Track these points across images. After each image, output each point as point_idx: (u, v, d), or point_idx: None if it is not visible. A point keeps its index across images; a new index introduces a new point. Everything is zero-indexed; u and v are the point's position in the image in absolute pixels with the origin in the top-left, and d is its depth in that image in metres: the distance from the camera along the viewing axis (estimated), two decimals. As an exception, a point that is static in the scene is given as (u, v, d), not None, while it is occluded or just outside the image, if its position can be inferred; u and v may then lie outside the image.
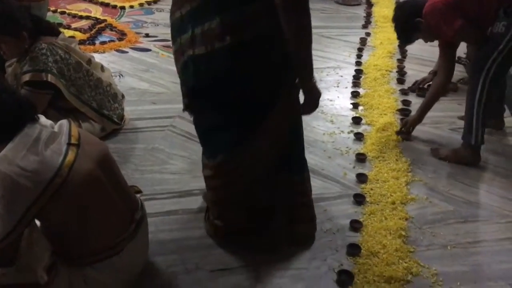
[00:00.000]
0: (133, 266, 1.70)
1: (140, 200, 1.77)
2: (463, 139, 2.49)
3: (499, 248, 1.99)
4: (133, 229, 1.65)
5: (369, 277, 1.82)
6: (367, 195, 2.27)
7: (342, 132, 2.81)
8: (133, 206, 1.70)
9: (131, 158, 2.53)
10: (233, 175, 1.80)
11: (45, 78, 2.33)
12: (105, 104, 2.63)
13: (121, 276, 1.64)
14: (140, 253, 1.74)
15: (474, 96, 2.36)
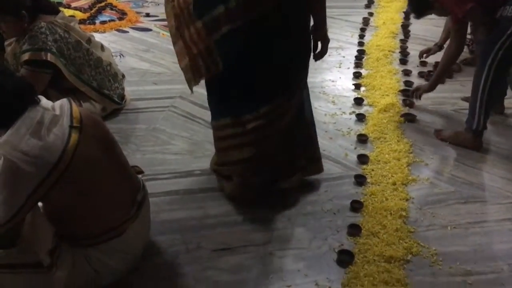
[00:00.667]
0: (135, 247, 1.71)
1: (141, 181, 1.77)
2: (466, 122, 2.47)
3: (499, 229, 2.00)
4: (135, 210, 1.65)
5: (369, 257, 1.83)
6: (368, 176, 2.27)
7: (344, 113, 2.80)
8: (134, 188, 1.70)
9: (132, 138, 2.53)
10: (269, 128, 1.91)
11: (44, 57, 2.31)
12: (105, 84, 2.62)
13: (123, 256, 1.66)
14: (142, 234, 1.75)
15: (480, 81, 2.34)
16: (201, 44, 1.80)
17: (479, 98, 2.36)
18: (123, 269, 1.70)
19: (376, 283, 1.72)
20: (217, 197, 2.14)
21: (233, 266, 1.81)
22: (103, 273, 1.63)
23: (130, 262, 1.72)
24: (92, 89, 2.56)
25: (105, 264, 1.61)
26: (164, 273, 1.76)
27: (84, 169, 1.45)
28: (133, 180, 1.71)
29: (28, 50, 2.30)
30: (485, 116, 2.40)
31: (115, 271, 1.66)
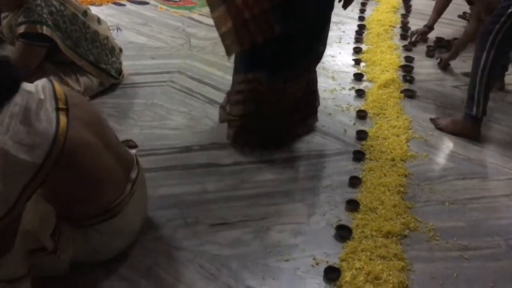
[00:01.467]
0: (133, 224, 1.71)
1: (135, 157, 1.73)
2: (466, 108, 2.39)
3: (497, 205, 2.00)
4: (130, 188, 1.62)
5: (367, 232, 1.84)
6: (367, 152, 2.27)
7: (343, 89, 2.78)
8: (128, 165, 1.66)
9: (130, 113, 2.52)
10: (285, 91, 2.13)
11: (40, 30, 2.27)
12: (103, 58, 2.59)
13: (122, 234, 1.66)
14: (139, 211, 1.75)
15: (479, 63, 2.27)
16: (257, 8, 1.82)
17: (478, 82, 2.29)
18: (122, 247, 1.71)
19: (373, 257, 1.73)
20: (216, 173, 2.14)
21: (231, 240, 1.82)
22: (103, 251, 1.64)
23: (129, 239, 1.72)
24: (89, 63, 2.52)
25: (104, 243, 1.61)
26: (163, 247, 1.77)
27: (77, 152, 1.38)
28: (126, 158, 1.67)
29: (24, 23, 2.26)
30: (485, 99, 2.32)
31: (114, 248, 1.67)
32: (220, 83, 2.79)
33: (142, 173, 1.74)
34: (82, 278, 1.65)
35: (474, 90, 2.33)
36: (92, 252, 1.61)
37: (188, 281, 1.65)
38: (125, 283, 1.64)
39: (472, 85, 2.34)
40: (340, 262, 1.73)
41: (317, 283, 1.66)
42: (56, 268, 1.55)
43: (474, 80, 2.32)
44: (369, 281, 1.64)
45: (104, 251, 1.64)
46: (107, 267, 1.68)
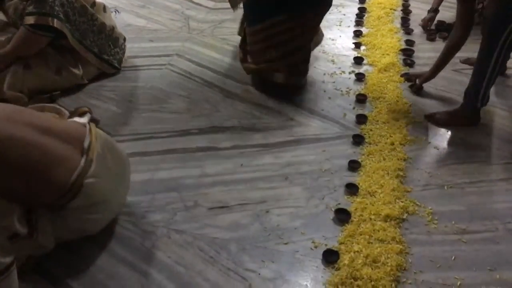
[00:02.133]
0: (109, 194, 1.63)
1: (88, 125, 1.64)
2: (466, 101, 2.31)
3: (495, 189, 2.01)
4: (84, 161, 1.54)
5: (365, 216, 1.84)
6: (366, 135, 2.27)
7: (343, 73, 2.77)
8: (76, 139, 1.57)
9: (129, 96, 2.51)
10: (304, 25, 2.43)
11: (51, 23, 2.27)
12: (106, 49, 2.59)
13: (99, 207, 1.61)
14: (112, 179, 1.66)
15: (489, 63, 2.12)
16: None
17: (486, 80, 2.17)
18: (107, 218, 1.69)
19: (371, 241, 1.74)
20: (215, 156, 2.14)
21: (230, 223, 1.82)
22: (86, 226, 1.63)
23: (112, 210, 1.69)
24: (93, 54, 2.53)
25: (84, 219, 1.59)
26: (163, 230, 1.78)
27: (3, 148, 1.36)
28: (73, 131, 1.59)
29: (34, 14, 2.23)
30: (490, 89, 2.24)
31: (97, 222, 1.65)
32: (219, 66, 2.78)
33: (103, 139, 1.66)
34: (83, 260, 1.66)
35: (480, 86, 2.20)
36: (77, 229, 1.61)
37: (187, 264, 1.66)
38: (125, 266, 1.65)
39: (479, 81, 2.20)
40: (338, 245, 1.74)
41: (316, 265, 1.67)
42: (38, 249, 1.55)
43: (482, 76, 2.18)
44: (367, 264, 1.65)
45: (88, 227, 1.63)
46: (108, 250, 1.70)
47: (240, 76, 2.69)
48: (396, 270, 1.64)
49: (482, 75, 2.18)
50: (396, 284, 1.60)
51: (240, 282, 1.61)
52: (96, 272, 1.62)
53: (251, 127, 2.32)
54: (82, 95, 2.50)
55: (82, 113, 1.72)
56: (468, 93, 2.30)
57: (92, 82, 2.57)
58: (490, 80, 2.19)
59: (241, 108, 2.45)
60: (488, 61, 2.13)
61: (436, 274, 1.65)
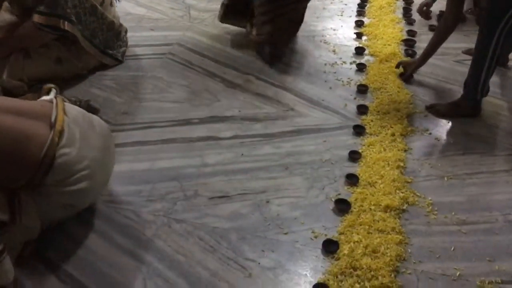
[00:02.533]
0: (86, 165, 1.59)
1: (54, 100, 1.64)
2: (466, 93, 2.31)
3: (496, 180, 2.00)
4: (53, 134, 1.52)
5: (365, 206, 1.84)
6: (367, 126, 2.26)
7: (344, 63, 2.76)
8: (42, 115, 1.56)
9: (129, 85, 2.50)
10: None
11: (62, 26, 2.27)
12: (110, 44, 2.60)
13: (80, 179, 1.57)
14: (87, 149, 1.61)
15: (486, 54, 2.12)
16: None
17: (485, 70, 2.17)
18: (94, 189, 1.67)
19: (371, 231, 1.74)
20: (215, 146, 2.14)
21: (230, 213, 1.82)
22: (72, 201, 1.62)
23: (96, 181, 1.65)
24: (99, 51, 2.53)
25: (67, 193, 1.56)
26: (163, 219, 1.78)
27: None
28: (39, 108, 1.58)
29: (46, 14, 2.22)
30: (489, 80, 2.23)
31: (83, 193, 1.61)
32: (220, 56, 2.77)
33: (76, 111, 1.65)
34: (83, 248, 1.66)
35: (479, 77, 2.20)
36: (63, 205, 1.60)
37: (187, 252, 1.66)
38: (125, 254, 1.65)
39: (478, 72, 2.20)
40: (338, 235, 1.74)
41: (316, 255, 1.67)
42: (26, 233, 1.55)
43: (480, 67, 2.18)
44: (367, 254, 1.65)
45: (73, 201, 1.62)
46: (108, 238, 1.70)
47: (241, 66, 2.69)
48: (396, 260, 1.64)
49: (481, 66, 2.18)
50: (396, 274, 1.61)
51: (240, 271, 1.61)
52: (96, 261, 1.63)
53: (251, 117, 2.32)
54: (83, 85, 2.49)
55: (47, 90, 1.71)
56: (467, 84, 2.29)
57: (93, 71, 2.56)
58: (489, 71, 2.18)
59: (241, 98, 2.44)
60: (486, 51, 2.13)
61: (436, 264, 1.65)
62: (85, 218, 1.77)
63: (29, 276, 1.57)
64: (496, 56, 2.13)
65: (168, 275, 1.59)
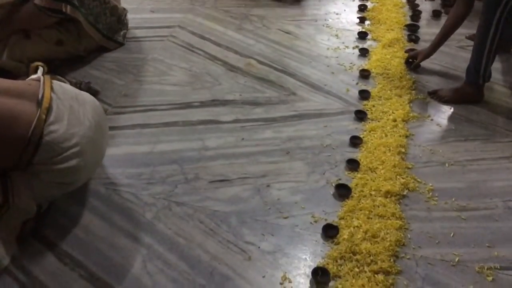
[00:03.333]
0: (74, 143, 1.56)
1: (41, 78, 1.62)
2: (468, 78, 2.31)
3: (497, 167, 2.00)
4: (39, 113, 1.51)
5: (366, 191, 1.84)
6: (368, 111, 2.25)
7: (347, 48, 2.74)
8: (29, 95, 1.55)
9: (130, 68, 2.48)
10: None
11: (64, 9, 2.25)
12: (113, 29, 2.59)
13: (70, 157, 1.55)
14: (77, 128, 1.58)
15: (487, 35, 2.13)
16: None
17: (486, 53, 2.18)
18: (87, 167, 1.65)
19: (371, 216, 1.74)
20: (216, 130, 2.13)
21: (231, 197, 1.83)
22: (66, 180, 1.60)
23: (88, 159, 1.63)
24: (102, 35, 2.52)
25: (58, 170, 1.54)
26: (163, 202, 1.78)
27: None
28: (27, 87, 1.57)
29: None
30: (491, 65, 2.24)
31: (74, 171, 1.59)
32: (221, 39, 2.74)
33: (65, 89, 1.64)
34: (84, 230, 1.67)
35: (480, 63, 2.21)
36: (55, 185, 1.59)
37: (187, 235, 1.67)
38: (126, 237, 1.66)
39: (478, 58, 2.21)
40: (338, 220, 1.74)
41: (315, 240, 1.68)
42: (20, 214, 1.55)
43: (481, 52, 2.19)
44: (367, 239, 1.66)
45: (66, 178, 1.60)
46: (109, 220, 1.71)
47: (242, 49, 2.67)
48: (395, 245, 1.65)
49: (482, 50, 2.19)
50: (395, 259, 1.61)
51: (240, 254, 1.62)
52: (96, 242, 1.63)
53: (253, 101, 2.31)
54: (83, 66, 2.47)
55: (35, 68, 1.69)
56: (469, 70, 2.29)
57: (93, 53, 2.55)
58: (489, 55, 2.19)
59: (243, 82, 2.43)
60: (486, 35, 2.14)
61: (435, 250, 1.66)
62: (85, 200, 1.77)
63: (29, 256, 1.57)
64: (496, 40, 2.14)
65: (168, 257, 1.59)
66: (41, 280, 1.51)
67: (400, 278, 1.56)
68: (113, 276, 1.53)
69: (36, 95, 1.55)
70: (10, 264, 1.54)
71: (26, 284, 1.50)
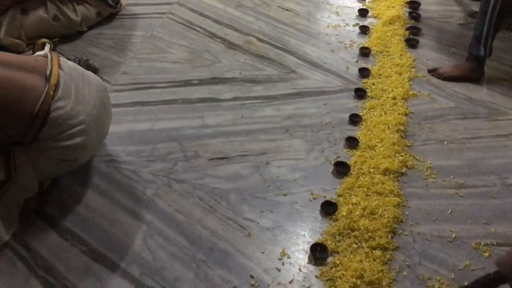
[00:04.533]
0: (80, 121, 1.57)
1: (49, 54, 1.63)
2: (470, 51, 2.31)
3: (495, 144, 2.01)
4: (47, 88, 1.51)
5: (365, 169, 1.85)
6: (368, 89, 2.25)
7: (347, 25, 2.71)
8: (42, 68, 1.56)
9: (129, 45, 2.47)
10: None
11: None
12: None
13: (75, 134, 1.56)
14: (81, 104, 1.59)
15: (488, 4, 2.15)
16: None
17: (488, 22, 2.18)
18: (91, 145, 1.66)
19: (370, 193, 1.76)
20: (216, 107, 2.13)
21: (230, 174, 1.84)
22: (69, 157, 1.60)
23: (93, 137, 1.65)
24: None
25: (63, 149, 1.55)
26: (163, 179, 1.80)
27: None
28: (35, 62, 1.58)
29: None
30: (492, 39, 2.24)
31: (79, 148, 1.60)
32: (221, 16, 2.72)
33: (71, 67, 1.65)
34: (85, 206, 1.69)
35: (482, 31, 2.22)
36: (58, 162, 1.59)
37: (187, 212, 1.68)
38: (126, 213, 1.67)
39: (480, 26, 2.22)
40: (337, 197, 1.76)
41: (314, 216, 1.69)
42: (23, 191, 1.56)
43: (482, 20, 2.21)
44: (365, 215, 1.67)
45: (69, 157, 1.60)
46: (109, 197, 1.72)
47: (242, 27, 2.65)
48: (393, 222, 1.66)
49: (483, 18, 2.19)
50: (392, 235, 1.63)
51: (239, 231, 1.64)
52: (97, 218, 1.65)
53: (252, 78, 2.30)
54: (81, 43, 2.45)
55: (42, 44, 1.69)
56: (471, 41, 2.30)
57: (91, 30, 2.53)
58: (491, 23, 2.18)
59: (242, 60, 2.42)
60: (488, 3, 2.14)
61: (432, 226, 1.68)
62: (86, 177, 1.78)
63: (31, 233, 1.59)
64: (497, 8, 2.13)
65: (168, 234, 1.61)
66: (42, 255, 1.53)
67: (397, 254, 1.58)
68: (114, 252, 1.55)
69: (44, 71, 1.55)
70: (12, 240, 1.56)
71: (28, 259, 1.52)
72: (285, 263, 1.55)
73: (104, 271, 1.50)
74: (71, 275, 1.48)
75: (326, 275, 1.51)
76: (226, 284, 1.48)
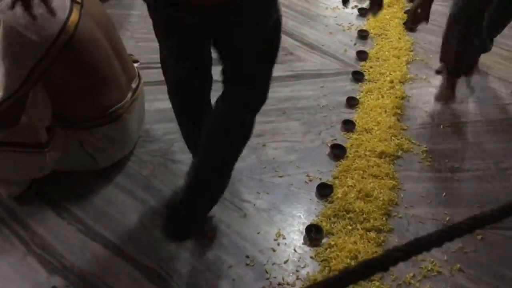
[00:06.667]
0: (129, 134, 1.72)
1: (137, 70, 1.75)
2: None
3: (491, 129, 2.02)
4: (130, 96, 1.65)
5: (361, 152, 1.86)
6: (366, 72, 2.24)
7: (346, 7, 2.70)
8: (131, 75, 1.69)
9: (126, 25, 2.45)
10: None
11: None
12: None
13: (117, 142, 1.68)
14: (136, 122, 1.75)
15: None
16: None
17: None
18: (118, 155, 1.73)
19: (365, 176, 1.77)
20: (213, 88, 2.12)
21: (227, 155, 1.84)
22: (98, 158, 1.66)
23: (125, 148, 1.75)
24: None
25: (99, 149, 1.63)
26: (160, 160, 1.80)
27: (85, 46, 1.44)
28: (130, 67, 1.70)
29: None
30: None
31: (110, 155, 1.70)
32: (218, -3, 2.69)
33: (142, 86, 1.77)
34: (83, 186, 1.69)
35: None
36: (88, 159, 1.64)
37: (184, 192, 1.69)
38: (122, 192, 1.68)
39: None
40: (333, 179, 1.77)
41: (310, 198, 1.71)
42: (40, 167, 1.56)
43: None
44: (360, 198, 1.69)
45: (100, 159, 1.66)
46: (106, 177, 1.72)
47: (240, 8, 2.62)
48: (388, 204, 1.68)
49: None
50: (387, 217, 1.65)
51: (236, 211, 1.65)
52: (94, 198, 1.66)
53: (250, 60, 2.29)
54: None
55: (133, 61, 1.80)
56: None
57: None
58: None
59: (240, 41, 2.40)
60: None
61: (426, 209, 1.69)
62: (82, 156, 1.78)
63: (28, 211, 1.60)
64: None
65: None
66: (39, 233, 1.54)
67: (391, 236, 1.60)
68: (109, 231, 1.56)
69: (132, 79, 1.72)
70: (9, 218, 1.57)
71: (25, 237, 1.53)
72: (281, 244, 1.56)
73: (100, 249, 1.51)
74: (68, 253, 1.49)
75: (321, 256, 1.53)
76: (221, 263, 1.50)
